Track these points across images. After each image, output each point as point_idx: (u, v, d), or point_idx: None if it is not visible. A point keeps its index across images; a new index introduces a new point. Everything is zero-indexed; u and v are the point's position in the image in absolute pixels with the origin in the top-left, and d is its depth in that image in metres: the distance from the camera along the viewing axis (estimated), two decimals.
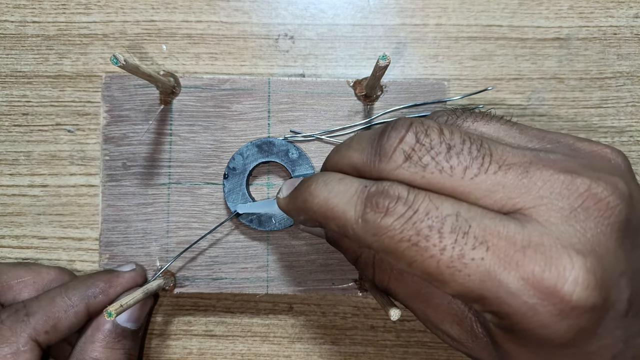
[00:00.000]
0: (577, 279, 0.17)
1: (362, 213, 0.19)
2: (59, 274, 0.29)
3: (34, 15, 0.31)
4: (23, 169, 0.31)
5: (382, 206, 0.19)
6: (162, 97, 0.29)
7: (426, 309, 0.22)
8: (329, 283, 0.29)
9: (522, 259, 0.17)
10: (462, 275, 0.17)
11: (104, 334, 0.26)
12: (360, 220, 0.19)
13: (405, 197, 0.19)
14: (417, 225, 0.18)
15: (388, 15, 0.31)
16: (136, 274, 0.28)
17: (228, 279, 0.29)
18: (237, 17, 0.31)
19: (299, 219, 0.22)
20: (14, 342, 0.24)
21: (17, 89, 0.31)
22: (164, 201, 0.29)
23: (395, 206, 0.19)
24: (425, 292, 0.22)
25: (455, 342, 0.22)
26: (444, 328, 0.22)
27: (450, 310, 0.21)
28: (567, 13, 0.31)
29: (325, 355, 0.31)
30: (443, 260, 0.18)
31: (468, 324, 0.21)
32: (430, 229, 0.18)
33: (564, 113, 0.31)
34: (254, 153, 0.29)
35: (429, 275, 0.18)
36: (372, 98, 0.29)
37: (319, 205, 0.21)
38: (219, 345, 0.31)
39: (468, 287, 0.18)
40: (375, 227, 0.19)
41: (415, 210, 0.18)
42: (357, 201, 0.20)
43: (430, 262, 0.18)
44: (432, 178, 0.19)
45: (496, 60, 0.31)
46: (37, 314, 0.25)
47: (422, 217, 0.18)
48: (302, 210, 0.21)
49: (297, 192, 0.22)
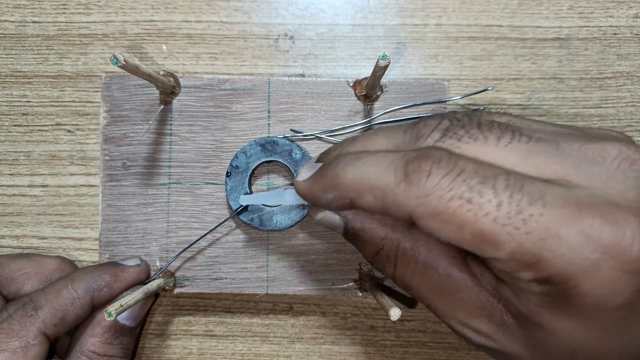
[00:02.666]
0: (635, 234, 0.17)
1: (403, 176, 0.18)
2: (61, 264, 0.29)
3: (34, 15, 0.31)
4: (23, 169, 0.31)
5: (425, 167, 0.18)
6: (162, 97, 0.29)
7: (452, 303, 0.21)
8: (329, 283, 0.29)
9: (578, 215, 0.17)
10: (520, 234, 0.17)
11: (104, 329, 0.26)
12: (402, 184, 0.18)
13: (448, 157, 0.18)
14: (468, 182, 0.17)
15: (388, 15, 0.31)
16: (140, 269, 0.28)
17: (228, 279, 0.29)
18: (237, 17, 0.31)
19: (324, 200, 0.21)
20: (23, 336, 0.24)
21: (17, 89, 0.31)
22: (164, 201, 0.29)
23: (440, 165, 0.18)
24: (451, 285, 0.21)
25: (482, 338, 0.21)
26: (471, 323, 0.21)
27: (478, 303, 0.20)
28: (567, 13, 0.31)
29: (325, 355, 0.31)
30: (500, 217, 0.17)
31: (498, 315, 0.20)
32: (483, 184, 0.17)
33: (564, 113, 0.31)
34: (257, 152, 0.29)
35: (482, 237, 0.17)
36: (372, 98, 0.29)
37: (352, 178, 0.20)
38: (219, 345, 0.31)
39: (526, 247, 0.17)
40: (420, 189, 0.18)
41: (463, 169, 0.18)
42: (397, 167, 0.19)
43: (485, 221, 0.17)
44: (467, 148, 0.19)
45: (496, 60, 0.31)
46: (45, 307, 0.25)
47: (471, 174, 0.18)
48: (331, 187, 0.21)
49: (324, 170, 0.21)
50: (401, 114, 0.29)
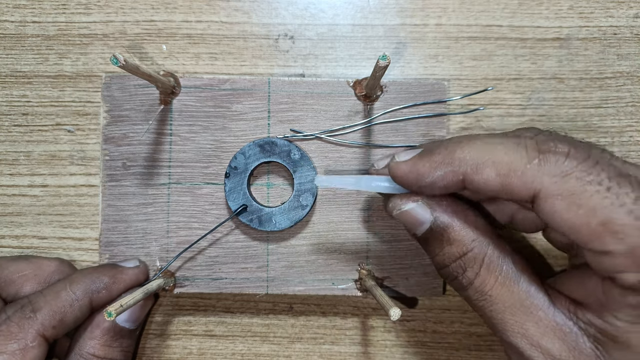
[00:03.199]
0: None
1: (537, 154, 0.19)
2: (60, 266, 0.29)
3: (34, 15, 0.31)
4: (23, 169, 0.31)
5: (563, 148, 0.19)
6: (162, 97, 0.29)
7: (526, 322, 0.21)
8: (329, 283, 0.29)
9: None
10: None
11: (103, 331, 0.26)
12: (536, 161, 0.19)
13: (581, 145, 0.19)
14: (607, 171, 0.18)
15: (388, 15, 0.31)
16: (139, 271, 0.28)
17: (228, 279, 0.29)
18: (237, 17, 0.31)
19: (429, 179, 0.21)
20: (22, 339, 0.24)
21: (17, 89, 0.31)
22: (164, 201, 0.29)
23: (577, 150, 0.19)
24: (530, 303, 0.21)
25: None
26: (544, 344, 0.20)
27: (553, 324, 0.20)
28: (567, 13, 0.31)
29: (325, 355, 0.31)
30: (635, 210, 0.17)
31: (573, 338, 0.20)
32: (622, 177, 0.18)
33: (564, 113, 0.31)
34: (256, 153, 0.29)
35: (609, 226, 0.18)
36: (372, 98, 0.29)
37: (473, 153, 0.20)
38: (219, 345, 0.31)
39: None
40: (558, 167, 0.18)
41: (598, 160, 0.18)
42: (528, 145, 0.19)
43: (619, 211, 0.17)
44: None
45: (496, 60, 0.31)
46: (43, 310, 0.25)
47: (607, 165, 0.18)
48: (442, 164, 0.20)
49: (435, 148, 0.21)
50: (401, 114, 0.29)
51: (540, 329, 0.21)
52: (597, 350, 0.20)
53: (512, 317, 0.21)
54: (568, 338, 0.20)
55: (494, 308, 0.21)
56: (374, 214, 0.29)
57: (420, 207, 0.22)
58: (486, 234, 0.22)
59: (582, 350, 0.20)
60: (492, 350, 0.31)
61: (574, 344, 0.20)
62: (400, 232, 0.29)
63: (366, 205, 0.29)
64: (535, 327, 0.21)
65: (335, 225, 0.29)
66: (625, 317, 0.19)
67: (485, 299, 0.21)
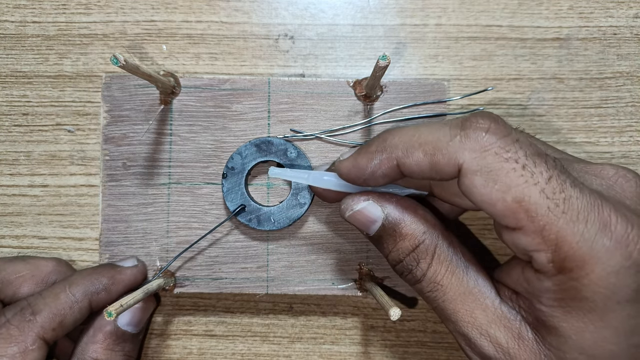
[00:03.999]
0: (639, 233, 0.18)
1: (459, 130, 0.19)
2: (57, 266, 0.28)
3: (34, 15, 0.31)
4: (23, 169, 0.31)
5: (483, 124, 0.19)
6: (162, 97, 0.29)
7: (474, 310, 0.22)
8: (329, 283, 0.29)
9: (601, 205, 0.18)
10: (557, 211, 0.18)
11: (105, 335, 0.26)
12: (458, 137, 0.19)
13: (503, 122, 0.19)
14: (525, 150, 0.19)
15: (388, 15, 0.31)
16: (138, 270, 0.28)
17: (228, 279, 0.29)
18: (237, 17, 0.31)
19: (369, 169, 0.22)
20: (22, 342, 0.24)
21: (17, 89, 0.31)
22: (164, 201, 0.29)
23: (497, 126, 0.19)
24: (478, 291, 0.22)
25: (500, 352, 0.21)
26: (492, 332, 0.21)
27: (499, 313, 0.21)
28: (567, 13, 0.31)
29: (325, 355, 0.31)
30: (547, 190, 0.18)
31: (516, 326, 0.21)
32: (538, 156, 0.19)
33: (564, 113, 0.31)
34: (252, 152, 0.29)
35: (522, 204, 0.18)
36: (372, 98, 0.29)
37: (401, 137, 0.21)
38: (219, 345, 0.31)
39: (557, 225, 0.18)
40: (477, 142, 0.19)
41: (518, 138, 0.19)
42: (451, 125, 0.20)
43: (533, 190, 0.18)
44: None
45: (496, 60, 0.31)
46: (43, 312, 0.25)
47: (527, 144, 0.19)
48: (377, 152, 0.21)
49: (370, 142, 0.22)
50: (401, 114, 0.29)
51: (487, 317, 0.21)
52: (536, 337, 0.21)
53: (462, 305, 0.22)
54: (512, 326, 0.21)
55: (445, 298, 0.22)
56: None
57: (372, 206, 0.23)
58: (435, 226, 0.23)
59: (524, 339, 0.21)
60: None
61: (517, 332, 0.21)
62: None
63: None
64: (483, 315, 0.21)
65: (335, 225, 0.29)
66: (548, 302, 0.20)
67: (438, 289, 0.22)
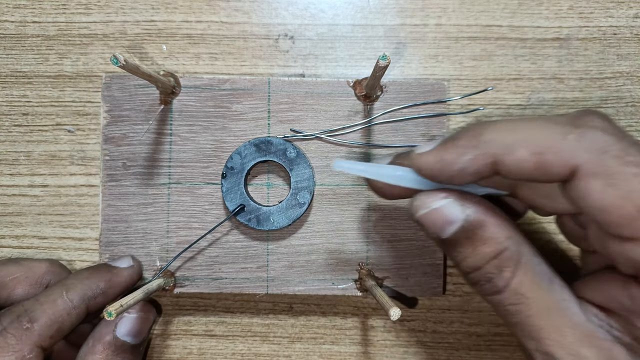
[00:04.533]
0: None
1: (573, 128, 0.17)
2: (50, 267, 0.28)
3: (34, 15, 0.31)
4: (23, 169, 0.31)
5: (598, 123, 0.17)
6: (162, 97, 0.29)
7: (563, 328, 0.19)
8: (329, 283, 0.29)
9: None
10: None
11: (104, 345, 0.26)
12: (572, 136, 0.17)
13: (615, 123, 0.18)
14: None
15: (388, 15, 0.31)
16: (133, 271, 0.28)
17: (228, 278, 0.29)
18: (237, 17, 0.31)
19: (457, 166, 0.19)
20: (19, 350, 0.24)
21: (17, 89, 0.31)
22: (164, 201, 0.29)
23: (612, 126, 0.17)
24: (565, 307, 0.19)
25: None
26: (582, 352, 0.19)
27: (588, 331, 0.19)
28: (567, 13, 0.31)
29: (325, 355, 0.31)
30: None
31: (607, 347, 0.19)
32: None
33: (564, 113, 0.30)
34: (251, 152, 0.29)
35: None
36: (372, 98, 0.29)
37: (502, 133, 0.18)
38: (219, 345, 0.31)
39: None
40: (595, 143, 0.17)
41: (634, 141, 0.17)
42: (560, 122, 0.18)
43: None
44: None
45: (496, 60, 0.31)
46: (41, 320, 0.24)
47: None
48: (470, 147, 0.19)
49: (460, 134, 0.19)
50: (401, 114, 0.29)
51: (576, 335, 0.19)
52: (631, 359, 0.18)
53: (549, 321, 0.19)
54: (603, 346, 0.19)
55: (530, 312, 0.19)
56: (374, 214, 0.29)
57: (451, 205, 0.20)
58: (518, 231, 0.20)
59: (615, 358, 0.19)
60: (491, 350, 0.31)
61: (608, 353, 0.18)
62: (400, 232, 0.29)
63: (366, 205, 0.29)
64: (572, 333, 0.19)
65: (335, 225, 0.29)
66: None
67: (522, 302, 0.19)
